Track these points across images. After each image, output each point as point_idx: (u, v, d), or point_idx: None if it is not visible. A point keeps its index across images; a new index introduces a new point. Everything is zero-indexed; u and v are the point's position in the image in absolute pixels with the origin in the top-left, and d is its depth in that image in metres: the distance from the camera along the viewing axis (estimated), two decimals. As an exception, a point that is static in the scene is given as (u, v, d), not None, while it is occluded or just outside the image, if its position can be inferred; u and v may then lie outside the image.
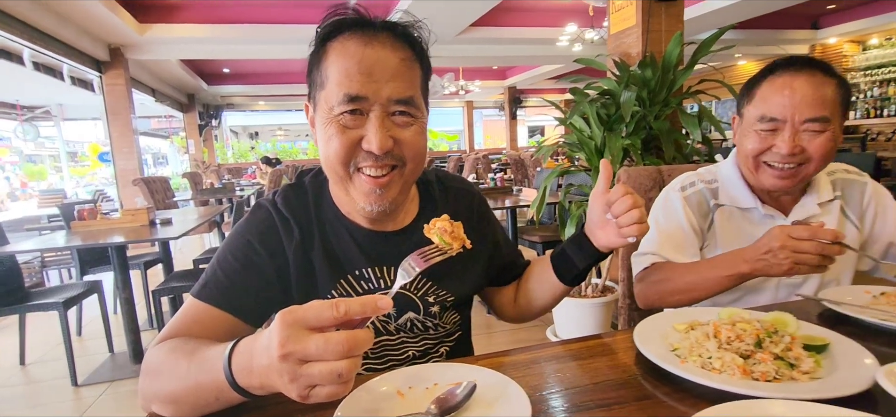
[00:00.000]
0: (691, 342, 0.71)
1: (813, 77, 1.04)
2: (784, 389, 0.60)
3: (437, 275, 0.92)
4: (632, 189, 0.79)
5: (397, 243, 0.91)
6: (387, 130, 0.77)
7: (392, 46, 0.78)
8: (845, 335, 0.81)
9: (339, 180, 0.83)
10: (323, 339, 0.49)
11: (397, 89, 0.77)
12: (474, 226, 1.00)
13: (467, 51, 8.23)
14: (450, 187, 1.03)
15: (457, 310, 0.97)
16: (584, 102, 2.56)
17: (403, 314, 0.90)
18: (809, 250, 0.86)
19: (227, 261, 0.84)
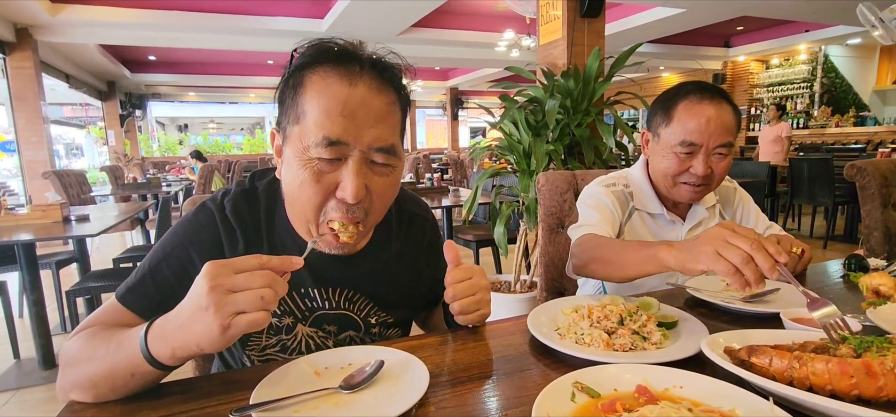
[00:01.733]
0: (569, 322, 0.84)
1: (721, 106, 1.18)
2: (635, 356, 0.74)
3: (381, 299, 0.94)
4: (477, 270, 0.84)
5: (346, 267, 0.91)
6: (363, 178, 0.74)
7: (377, 89, 0.75)
8: (697, 315, 0.98)
9: (303, 220, 0.80)
10: (248, 272, 0.58)
11: (379, 137, 0.74)
12: (424, 252, 1.03)
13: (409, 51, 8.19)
14: (404, 212, 1.01)
15: (399, 327, 1.00)
16: (513, 107, 2.72)
17: (343, 332, 0.92)
18: (741, 245, 0.74)
19: (159, 269, 0.81)
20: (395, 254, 0.97)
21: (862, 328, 0.80)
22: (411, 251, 1.00)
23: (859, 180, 2.27)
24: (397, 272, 0.97)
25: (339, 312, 0.91)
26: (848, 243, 5.60)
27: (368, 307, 0.94)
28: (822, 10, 6.68)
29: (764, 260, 0.72)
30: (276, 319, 0.87)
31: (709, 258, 0.76)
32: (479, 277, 0.85)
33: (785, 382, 0.64)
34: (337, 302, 0.91)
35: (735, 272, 0.73)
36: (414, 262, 1.00)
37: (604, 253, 1.07)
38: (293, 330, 0.89)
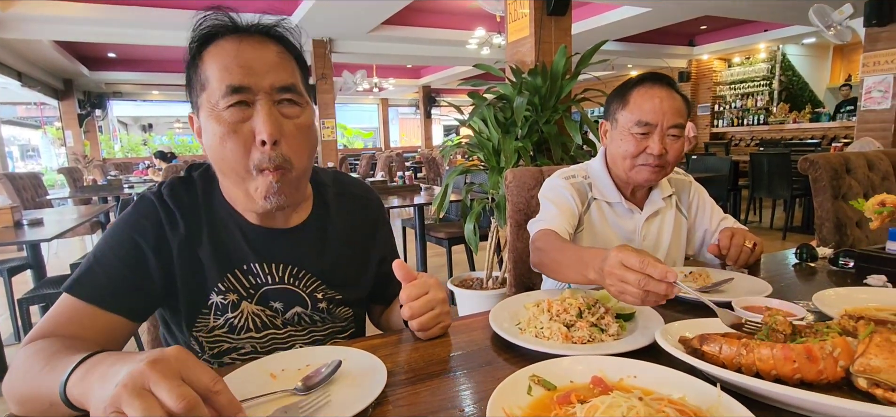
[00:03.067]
0: (529, 317, 0.84)
1: (672, 92, 1.27)
2: (593, 348, 0.75)
3: (326, 275, 0.96)
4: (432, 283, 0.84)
5: (287, 241, 0.93)
6: (274, 118, 0.79)
7: (266, 42, 0.82)
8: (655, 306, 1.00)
9: (239, 181, 0.83)
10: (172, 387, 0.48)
11: (279, 77, 0.80)
12: (368, 235, 1.05)
13: (380, 48, 8.24)
14: (346, 192, 1.05)
15: (349, 306, 1.01)
16: (482, 105, 2.72)
17: (291, 309, 0.93)
18: (631, 283, 0.77)
19: (105, 256, 0.83)
20: (335, 231, 0.99)
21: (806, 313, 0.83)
22: (354, 230, 1.02)
23: (812, 173, 2.36)
24: (340, 248, 0.99)
25: (284, 287, 0.92)
26: (805, 233, 5.85)
27: (314, 283, 0.95)
28: (779, 11, 6.95)
29: (657, 288, 0.75)
30: (220, 297, 0.88)
31: (615, 291, 0.80)
32: (436, 290, 0.84)
33: (734, 368, 0.66)
34: (281, 277, 0.92)
35: (641, 293, 0.77)
36: (358, 241, 1.03)
37: (552, 256, 1.12)
38: (238, 308, 0.90)
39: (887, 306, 0.87)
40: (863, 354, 0.58)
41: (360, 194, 1.07)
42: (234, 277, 0.89)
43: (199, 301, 0.87)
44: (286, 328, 0.94)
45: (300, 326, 0.95)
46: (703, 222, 1.42)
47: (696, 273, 1.13)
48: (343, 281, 0.98)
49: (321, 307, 0.96)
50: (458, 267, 4.72)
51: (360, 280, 1.02)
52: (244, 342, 0.91)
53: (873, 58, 5.14)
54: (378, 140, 17.48)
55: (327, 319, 0.98)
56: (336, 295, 0.97)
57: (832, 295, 0.91)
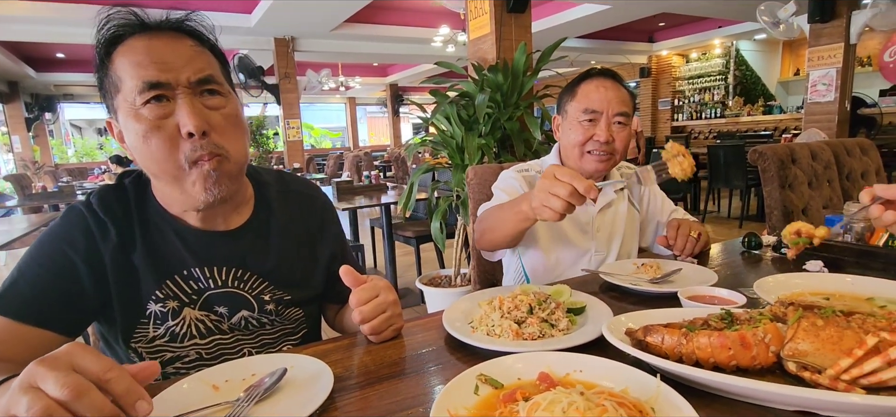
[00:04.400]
0: (481, 315, 0.84)
1: (617, 84, 1.32)
2: (542, 344, 0.76)
3: (273, 276, 0.94)
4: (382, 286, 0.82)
5: (228, 243, 0.91)
6: (198, 111, 0.78)
7: (179, 36, 0.80)
8: (609, 298, 1.02)
9: (172, 179, 0.81)
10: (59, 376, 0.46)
11: (196, 70, 0.79)
12: (316, 232, 1.03)
13: (344, 47, 8.13)
14: (290, 191, 1.04)
15: (299, 307, 0.99)
16: (444, 102, 2.72)
17: (236, 313, 0.91)
18: (559, 193, 0.86)
19: (31, 269, 0.80)
20: (279, 230, 0.97)
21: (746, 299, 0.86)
22: (300, 228, 1.01)
23: (761, 163, 2.46)
24: (285, 248, 0.97)
25: (228, 291, 0.90)
26: (761, 221, 6.11)
27: (261, 285, 0.93)
28: (732, 8, 7.21)
29: (581, 184, 0.86)
30: (159, 305, 0.85)
31: (543, 195, 0.89)
32: (386, 292, 0.84)
33: (675, 358, 0.67)
34: (224, 280, 0.90)
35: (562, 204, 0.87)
36: (305, 239, 1.01)
37: (489, 222, 1.17)
38: (180, 315, 0.87)
39: (819, 290, 0.91)
40: (791, 339, 0.60)
41: (305, 192, 1.05)
42: (173, 283, 0.86)
43: (136, 312, 0.84)
44: (233, 333, 0.92)
45: (248, 330, 0.93)
46: (655, 215, 1.46)
47: (648, 265, 1.16)
48: (291, 281, 0.96)
49: (269, 309, 0.94)
50: (428, 265, 4.71)
51: (309, 280, 1.00)
52: (188, 350, 0.88)
53: (817, 52, 5.40)
54: (346, 140, 17.27)
55: (276, 321, 0.96)
56: (284, 296, 0.95)
57: (771, 282, 0.95)
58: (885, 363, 0.55)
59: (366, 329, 0.83)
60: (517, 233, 1.12)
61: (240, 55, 7.28)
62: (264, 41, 7.44)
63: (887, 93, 8.22)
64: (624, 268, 1.18)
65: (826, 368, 0.58)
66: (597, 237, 1.36)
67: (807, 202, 2.53)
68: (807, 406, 0.56)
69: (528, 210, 0.98)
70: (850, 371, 0.56)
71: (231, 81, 0.88)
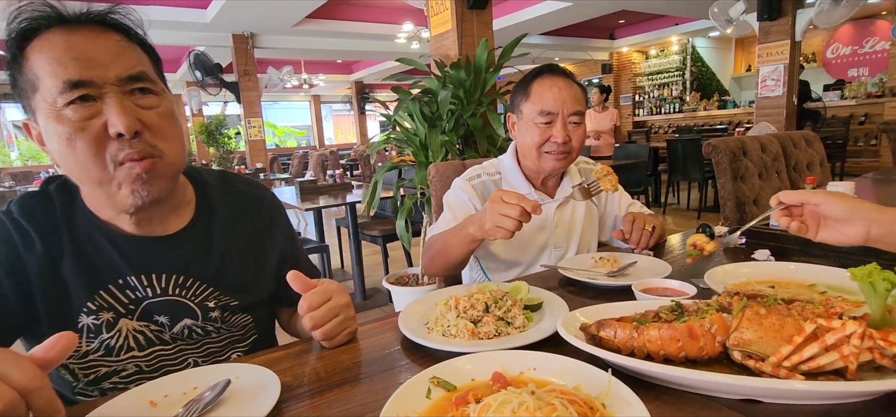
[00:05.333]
0: (437, 315, 0.83)
1: (569, 82, 1.33)
2: (498, 343, 0.75)
3: (218, 281, 0.90)
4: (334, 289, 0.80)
5: (167, 248, 0.86)
6: (130, 110, 0.73)
7: (103, 31, 0.75)
8: (567, 293, 1.03)
9: (97, 183, 0.76)
10: None
11: (125, 66, 0.74)
12: (263, 234, 0.99)
13: (306, 43, 7.97)
14: (235, 191, 0.99)
15: (248, 312, 0.96)
16: (406, 99, 2.69)
17: (178, 322, 0.87)
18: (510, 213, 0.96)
19: None
20: (223, 232, 0.93)
21: (696, 290, 0.88)
22: (245, 229, 0.97)
23: (714, 156, 2.55)
24: (230, 251, 0.93)
25: (168, 299, 0.85)
26: (718, 212, 6.34)
27: (205, 291, 0.89)
28: (687, 6, 7.46)
29: (527, 204, 0.96)
30: (91, 317, 0.80)
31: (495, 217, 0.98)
32: (338, 296, 0.81)
33: (627, 351, 0.67)
34: (165, 288, 0.85)
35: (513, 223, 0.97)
36: (252, 241, 0.97)
37: (438, 248, 1.20)
38: (116, 326, 0.82)
39: (766, 278, 0.94)
40: (736, 328, 0.62)
41: (250, 192, 1.01)
42: (107, 294, 0.81)
43: (65, 325, 0.78)
44: (176, 344, 0.87)
45: (191, 340, 0.89)
46: (613, 209, 1.48)
47: (606, 258, 1.17)
48: (237, 286, 0.92)
49: (214, 316, 0.89)
50: (396, 264, 4.67)
51: (257, 284, 0.96)
52: (125, 364, 0.83)
53: (766, 49, 5.64)
54: (312, 139, 16.95)
55: (223, 329, 0.92)
56: (231, 301, 0.91)
57: (721, 272, 0.97)
58: (822, 348, 0.56)
59: (318, 335, 0.80)
60: (466, 256, 1.18)
61: (196, 52, 7.01)
62: (222, 37, 7.19)
63: (830, 88, 8.69)
64: (582, 262, 1.19)
65: (769, 355, 0.59)
66: (556, 234, 1.37)
67: (758, 193, 2.64)
68: (751, 395, 0.57)
69: (476, 232, 1.07)
70: (790, 357, 0.58)
71: (164, 79, 0.83)
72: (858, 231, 0.78)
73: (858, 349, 0.54)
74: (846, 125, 7.46)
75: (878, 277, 0.58)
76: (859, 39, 9.54)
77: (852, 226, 0.78)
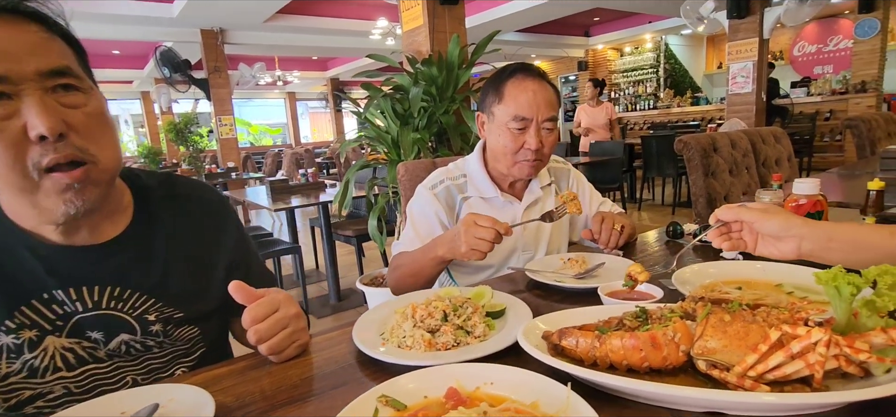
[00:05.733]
0: (392, 325, 0.78)
1: (543, 83, 1.26)
2: (457, 354, 0.71)
3: (161, 292, 0.84)
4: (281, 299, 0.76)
5: (101, 257, 0.79)
6: (52, 109, 0.66)
7: (18, 21, 0.67)
8: (534, 296, 1.00)
9: (17, 191, 0.69)
10: None
11: (46, 60, 0.67)
12: (210, 239, 0.93)
13: (278, 39, 7.79)
14: (179, 194, 0.92)
15: (194, 325, 0.89)
16: (377, 96, 2.63)
17: (114, 338, 0.80)
18: (484, 236, 1.00)
19: None
20: (165, 239, 0.86)
21: (663, 293, 0.86)
22: (191, 235, 0.90)
23: (686, 153, 2.56)
24: (173, 258, 0.86)
25: (102, 313, 0.78)
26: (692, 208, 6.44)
27: (144, 303, 0.82)
28: (659, 4, 7.56)
29: (501, 227, 1.01)
30: (11, 337, 0.73)
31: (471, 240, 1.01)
32: (286, 306, 0.76)
33: (590, 362, 0.64)
34: (98, 301, 0.78)
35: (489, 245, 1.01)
36: (198, 248, 0.90)
37: (406, 271, 1.20)
38: (40, 345, 0.75)
39: (733, 279, 0.92)
40: (701, 336, 0.59)
41: (196, 195, 0.94)
42: (29, 310, 0.74)
43: None
44: (112, 361, 0.80)
45: (130, 356, 0.82)
46: (584, 208, 1.46)
47: (574, 260, 1.14)
48: (182, 296, 0.86)
49: (155, 330, 0.83)
50: (372, 264, 4.60)
51: (204, 293, 0.90)
52: (52, 386, 0.76)
53: (736, 47, 5.75)
54: (287, 136, 16.66)
55: (166, 343, 0.85)
56: (174, 313, 0.85)
57: (689, 272, 0.95)
58: (787, 357, 0.54)
59: (263, 350, 0.74)
60: (436, 276, 1.19)
61: (163, 48, 6.79)
62: (190, 33, 6.98)
63: (797, 85, 8.94)
64: (551, 264, 1.16)
65: (734, 365, 0.56)
66: (524, 236, 1.34)
67: (728, 189, 2.66)
68: (715, 407, 0.54)
69: (446, 254, 1.09)
70: (755, 367, 0.55)
71: (92, 75, 0.76)
72: (791, 247, 0.80)
73: (824, 357, 0.52)
74: (812, 121, 7.68)
75: (842, 281, 0.56)
76: (824, 38, 9.83)
77: (785, 243, 0.81)
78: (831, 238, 0.76)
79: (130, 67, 10.46)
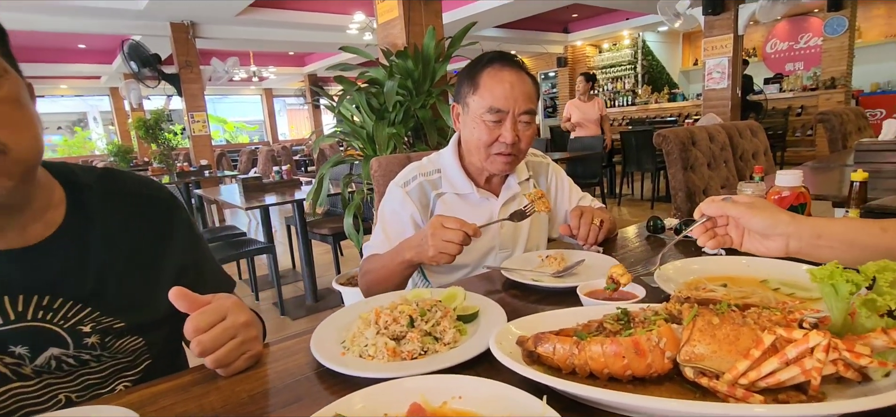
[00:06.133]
0: (354, 333, 0.71)
1: (522, 74, 1.20)
2: (424, 363, 0.64)
3: (98, 300, 0.75)
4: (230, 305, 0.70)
5: (26, 263, 0.71)
6: None
7: None
8: (511, 296, 0.94)
9: None
10: None
11: None
12: (156, 241, 0.84)
13: (253, 33, 7.59)
14: (120, 192, 0.83)
15: (139, 335, 0.81)
16: (350, 90, 2.54)
17: (42, 352, 0.72)
18: (452, 239, 0.96)
19: None
20: (102, 240, 0.78)
21: (646, 292, 0.81)
22: (133, 236, 0.82)
23: (665, 147, 2.55)
24: (112, 262, 0.78)
25: (27, 325, 0.70)
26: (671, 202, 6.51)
27: (78, 313, 0.74)
28: (636, 1, 7.60)
29: (469, 228, 0.97)
30: None
31: (439, 244, 0.97)
32: (235, 313, 0.69)
33: (568, 370, 0.58)
34: (21, 312, 0.70)
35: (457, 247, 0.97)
36: (141, 250, 0.82)
37: (376, 276, 1.16)
38: None
39: (717, 275, 0.88)
40: (687, 341, 0.53)
41: (140, 193, 0.85)
42: None
43: None
44: (41, 378, 0.72)
45: (62, 372, 0.74)
46: (563, 204, 1.41)
47: (552, 257, 1.09)
48: (123, 304, 0.77)
49: (91, 342, 0.74)
50: (350, 263, 4.51)
51: (149, 300, 0.81)
52: None
53: (711, 43, 5.82)
54: (264, 134, 16.34)
55: (104, 356, 0.77)
56: (115, 323, 0.76)
57: (671, 269, 0.91)
58: (782, 362, 0.49)
59: (209, 362, 0.67)
60: (406, 279, 1.15)
61: (131, 42, 6.54)
62: (160, 27, 6.73)
63: (770, 81, 9.12)
64: (528, 262, 1.10)
65: (724, 372, 0.51)
66: (501, 234, 1.28)
67: (707, 183, 2.66)
68: (704, 421, 0.49)
69: (414, 258, 1.05)
70: (747, 374, 0.50)
71: (12, 58, 0.67)
72: (778, 245, 0.76)
73: (822, 363, 0.47)
74: (785, 116, 7.84)
75: (840, 278, 0.51)
76: (795, 35, 10.05)
77: (772, 241, 0.77)
78: (820, 236, 0.72)
79: (98, 61, 10.09)
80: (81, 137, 14.72)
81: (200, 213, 5.84)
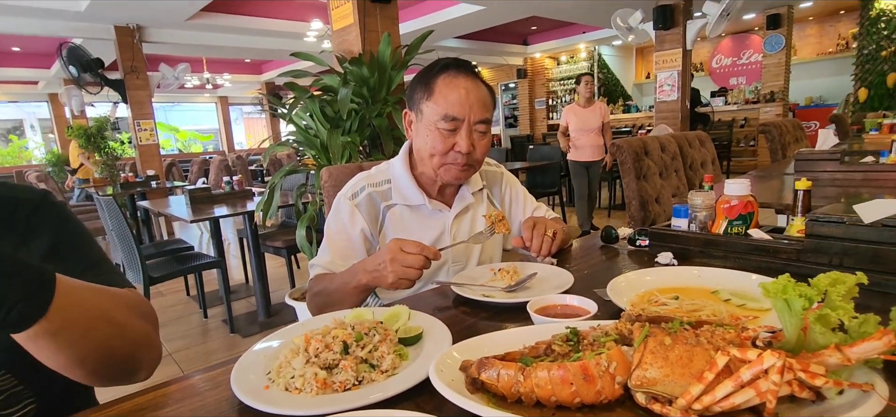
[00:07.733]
0: (280, 363, 0.64)
1: (477, 82, 1.15)
2: (357, 396, 0.58)
3: None
4: None
5: None
6: None
7: None
8: (461, 313, 0.89)
9: None
10: None
11: None
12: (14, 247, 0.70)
13: (204, 39, 7.29)
14: None
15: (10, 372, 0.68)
16: (303, 97, 2.45)
17: None
18: (413, 264, 0.93)
19: None
20: None
21: (597, 307, 0.77)
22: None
23: (619, 156, 2.58)
24: None
25: None
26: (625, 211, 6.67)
27: None
28: (592, 15, 7.82)
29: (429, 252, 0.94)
30: None
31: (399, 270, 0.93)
32: None
33: (513, 398, 0.53)
34: None
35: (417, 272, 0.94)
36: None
37: (328, 297, 1.10)
38: None
39: (670, 287, 0.86)
40: (639, 364, 0.50)
41: (9, 196, 0.73)
42: None
43: None
44: None
45: None
46: (518, 214, 1.37)
47: (505, 270, 1.05)
48: None
49: None
50: (305, 276, 4.35)
51: None
52: None
53: (662, 56, 6.04)
54: (219, 143, 15.75)
55: None
56: None
57: (623, 282, 0.88)
58: (737, 385, 0.45)
59: None
60: (360, 303, 1.09)
61: (70, 45, 6.14)
62: (102, 30, 6.36)
63: (716, 94, 9.58)
64: (480, 275, 1.06)
65: (677, 396, 0.48)
66: (454, 248, 1.22)
67: (659, 192, 2.71)
68: (657, 452, 0.45)
69: (371, 282, 1.00)
70: (701, 398, 0.46)
71: None
72: None
73: (778, 385, 0.44)
74: (730, 128, 8.24)
75: (793, 293, 0.49)
76: (738, 51, 10.62)
77: None
78: None
79: (35, 65, 9.46)
80: (17, 146, 13.74)
81: (147, 226, 5.51)
